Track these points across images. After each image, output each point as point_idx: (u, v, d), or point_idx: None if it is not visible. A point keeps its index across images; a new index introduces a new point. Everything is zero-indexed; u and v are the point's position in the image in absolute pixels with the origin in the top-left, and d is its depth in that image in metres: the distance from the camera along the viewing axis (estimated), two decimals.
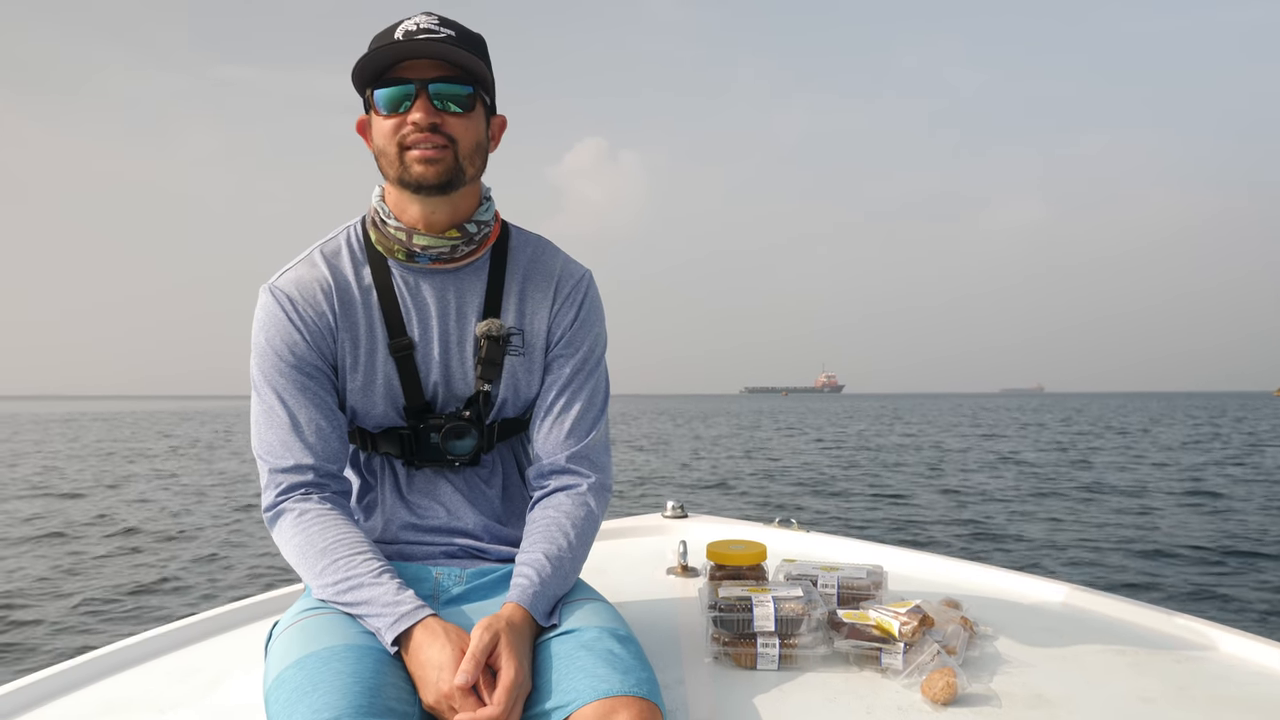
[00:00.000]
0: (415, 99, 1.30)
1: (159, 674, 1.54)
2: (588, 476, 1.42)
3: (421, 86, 1.30)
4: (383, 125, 1.32)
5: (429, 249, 1.37)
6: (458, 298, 1.41)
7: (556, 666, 1.18)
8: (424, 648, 1.15)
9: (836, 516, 9.81)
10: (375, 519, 1.43)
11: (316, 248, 1.42)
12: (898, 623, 1.47)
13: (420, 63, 1.30)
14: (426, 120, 1.30)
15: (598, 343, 1.49)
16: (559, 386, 1.44)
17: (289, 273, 1.39)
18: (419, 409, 1.40)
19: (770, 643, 1.47)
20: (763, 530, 2.60)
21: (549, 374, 1.45)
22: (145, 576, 6.85)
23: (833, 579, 1.72)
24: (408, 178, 1.32)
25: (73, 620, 5.57)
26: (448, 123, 1.31)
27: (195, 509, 10.77)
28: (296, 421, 1.34)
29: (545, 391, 1.45)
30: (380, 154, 1.34)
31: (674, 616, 1.79)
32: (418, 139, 1.30)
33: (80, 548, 8.15)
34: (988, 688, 1.40)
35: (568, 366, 1.45)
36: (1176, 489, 12.32)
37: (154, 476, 15.15)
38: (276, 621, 1.32)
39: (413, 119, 1.30)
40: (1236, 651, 1.59)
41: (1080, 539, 8.34)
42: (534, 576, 1.28)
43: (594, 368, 1.47)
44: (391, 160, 1.32)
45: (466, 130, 1.34)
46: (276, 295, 1.37)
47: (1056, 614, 1.84)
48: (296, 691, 1.07)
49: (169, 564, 7.35)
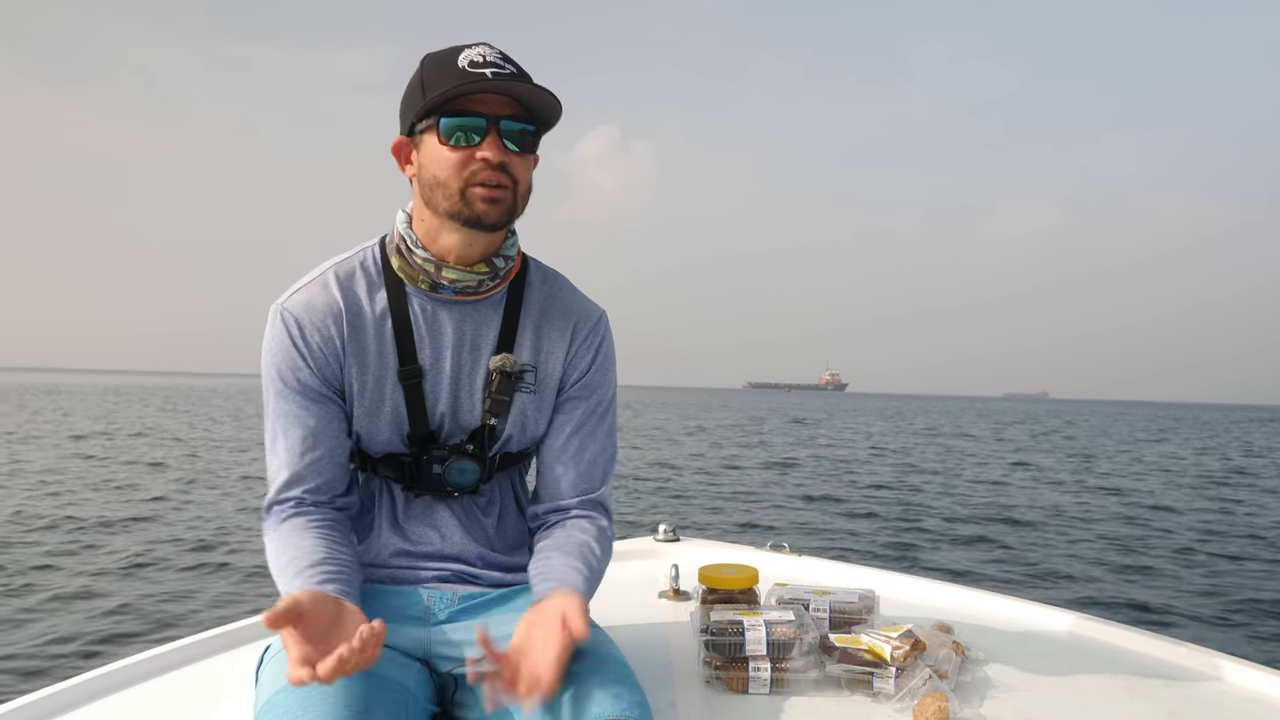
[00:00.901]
0: (485, 135, 1.28)
1: (154, 695, 1.54)
2: (600, 521, 1.43)
3: (493, 122, 1.28)
4: (447, 156, 1.29)
5: (456, 282, 1.35)
6: (474, 330, 1.39)
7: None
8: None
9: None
10: (368, 543, 1.43)
11: (330, 268, 1.39)
12: (890, 647, 1.48)
13: (490, 98, 1.28)
14: (497, 158, 1.28)
15: (611, 387, 1.49)
16: (571, 429, 1.44)
17: (299, 294, 1.37)
18: (423, 437, 1.39)
19: (762, 666, 1.48)
20: (755, 554, 2.60)
21: (560, 414, 1.45)
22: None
23: (825, 603, 1.72)
24: (468, 214, 1.29)
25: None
26: (512, 162, 1.30)
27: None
28: (298, 446, 1.34)
29: (555, 431, 1.45)
30: (437, 185, 1.30)
31: (666, 640, 1.79)
32: (486, 176, 1.28)
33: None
34: (979, 712, 1.40)
35: (580, 408, 1.45)
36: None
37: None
38: (268, 645, 1.33)
39: (483, 155, 1.27)
40: (1231, 678, 1.60)
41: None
42: (580, 568, 1.30)
43: (605, 411, 1.48)
44: (451, 194, 1.29)
45: (524, 170, 1.33)
46: (284, 318, 1.35)
47: (1049, 639, 1.84)
48: (287, 715, 1.08)
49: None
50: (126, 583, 6.36)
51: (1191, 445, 28.65)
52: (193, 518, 9.21)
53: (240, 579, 6.57)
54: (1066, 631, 1.90)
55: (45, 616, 5.44)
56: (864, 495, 12.66)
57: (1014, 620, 1.99)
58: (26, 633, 5.09)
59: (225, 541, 7.92)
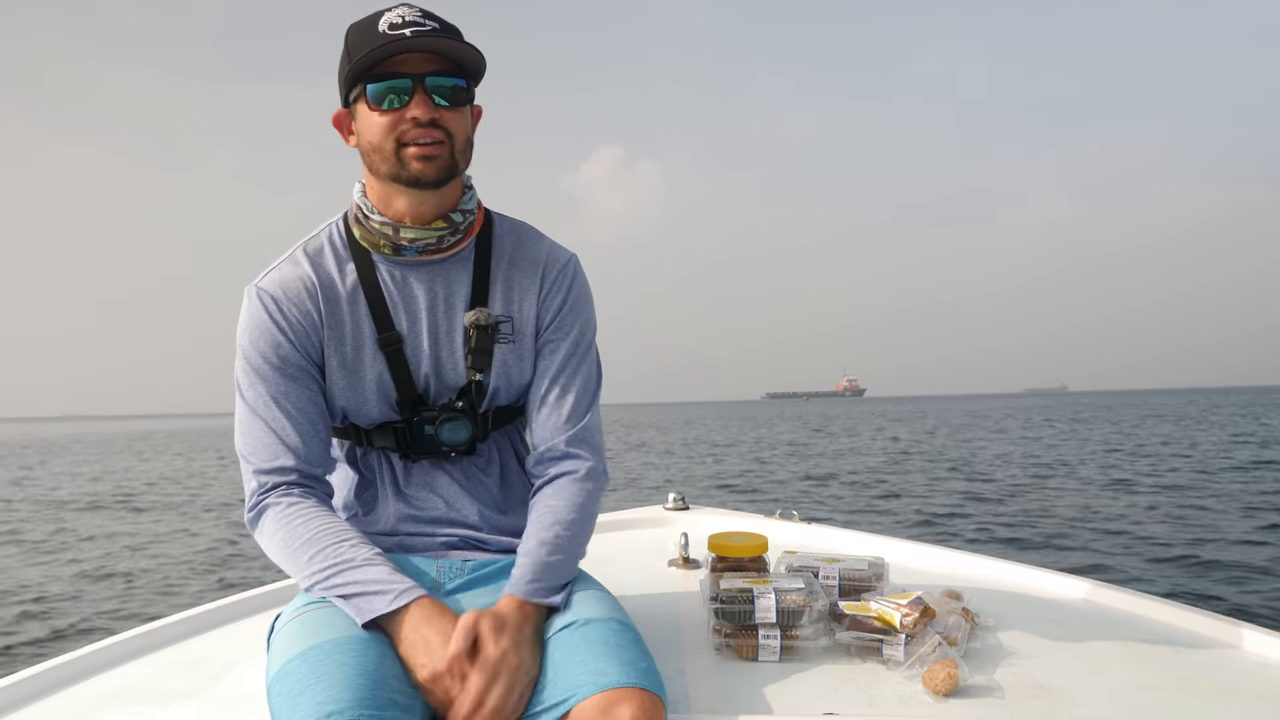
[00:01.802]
0: (412, 94, 1.29)
1: (164, 664, 1.55)
2: (586, 460, 1.42)
3: (418, 81, 1.29)
4: (377, 121, 1.30)
5: (416, 241, 1.36)
6: (445, 288, 1.40)
7: (558, 658, 1.18)
8: (420, 626, 1.16)
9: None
10: (375, 514, 1.43)
11: (299, 246, 1.41)
12: (899, 614, 1.48)
13: (413, 57, 1.29)
14: (426, 115, 1.29)
15: (588, 326, 1.49)
16: (553, 372, 1.44)
17: (273, 273, 1.39)
18: (412, 402, 1.40)
19: (772, 634, 1.48)
20: (764, 522, 2.60)
21: (541, 360, 1.45)
22: None
23: (834, 570, 1.72)
24: (405, 174, 1.31)
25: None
26: (444, 117, 1.31)
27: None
28: (280, 423, 1.33)
29: (539, 378, 1.45)
30: (374, 150, 1.32)
31: (676, 608, 1.80)
32: (417, 134, 1.29)
33: None
34: (989, 678, 1.40)
35: (560, 352, 1.45)
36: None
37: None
38: (279, 614, 1.33)
39: (412, 114, 1.29)
40: (1240, 643, 1.59)
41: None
42: (528, 564, 1.28)
43: (585, 351, 1.47)
44: (387, 156, 1.31)
45: (459, 124, 1.33)
46: (261, 296, 1.36)
47: (1058, 605, 1.84)
48: (300, 684, 1.08)
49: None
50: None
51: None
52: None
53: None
54: (1076, 598, 1.90)
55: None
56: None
57: (1023, 587, 1.98)
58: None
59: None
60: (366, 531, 1.40)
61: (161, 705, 1.37)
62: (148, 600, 6.53)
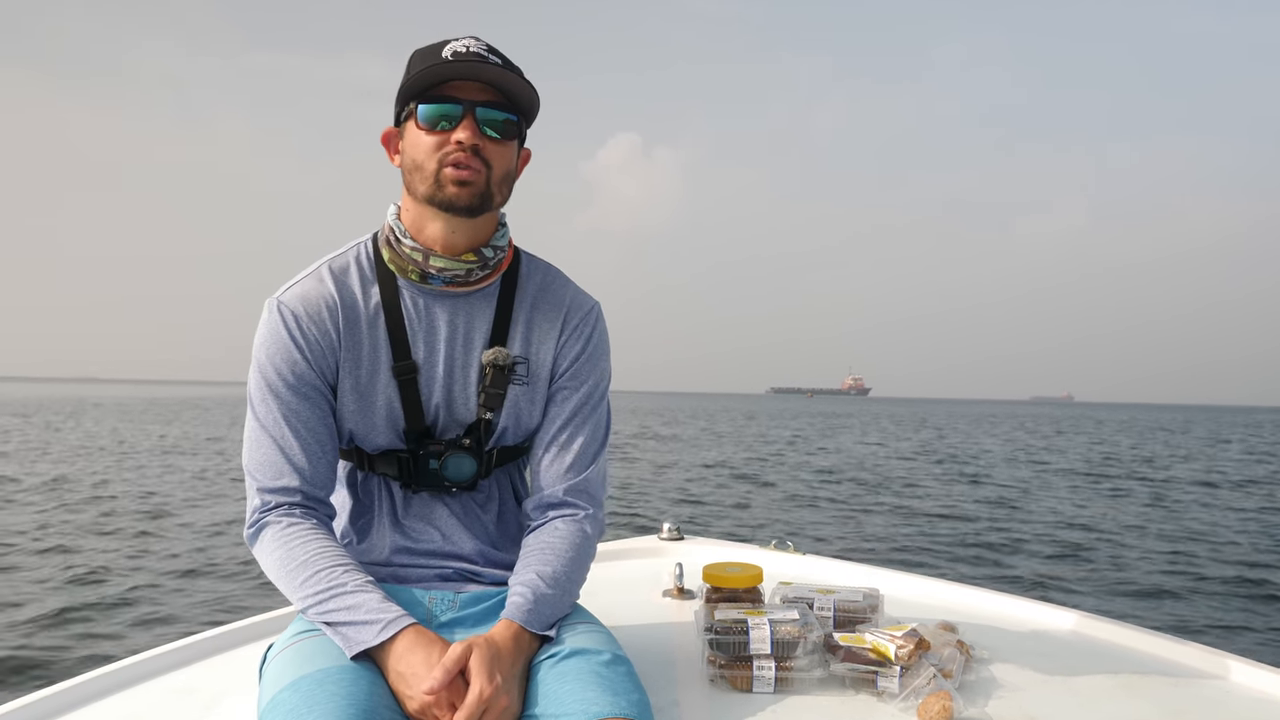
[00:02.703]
0: (461, 119, 1.31)
1: (156, 694, 1.54)
2: (584, 509, 1.42)
3: (469, 108, 1.31)
4: (424, 140, 1.32)
5: (444, 271, 1.37)
6: (466, 322, 1.40)
7: (547, 688, 1.18)
8: (406, 655, 1.15)
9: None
10: (369, 541, 1.43)
11: (325, 263, 1.41)
12: (894, 646, 1.47)
13: (468, 85, 1.32)
14: (471, 140, 1.30)
15: (603, 378, 1.49)
16: (562, 420, 1.44)
17: (295, 288, 1.39)
18: (419, 433, 1.39)
19: (766, 665, 1.47)
20: (759, 552, 2.59)
21: (552, 406, 1.45)
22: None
23: (829, 602, 1.72)
24: (440, 196, 1.32)
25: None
26: (487, 147, 1.33)
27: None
28: (289, 443, 1.33)
29: (548, 424, 1.45)
30: (416, 169, 1.34)
31: (670, 639, 1.79)
32: (458, 158, 1.31)
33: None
34: (983, 711, 1.40)
35: (572, 400, 1.45)
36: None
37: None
38: (272, 643, 1.32)
39: (457, 138, 1.30)
40: (1236, 677, 1.59)
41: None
42: (527, 594, 1.28)
43: (598, 403, 1.47)
44: (427, 176, 1.32)
45: (502, 157, 1.35)
46: (281, 311, 1.36)
47: (1053, 638, 1.84)
48: (291, 714, 1.07)
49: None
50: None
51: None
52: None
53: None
54: (1070, 631, 1.90)
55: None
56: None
57: (1018, 619, 1.98)
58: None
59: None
60: (360, 560, 1.39)
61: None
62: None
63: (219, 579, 6.43)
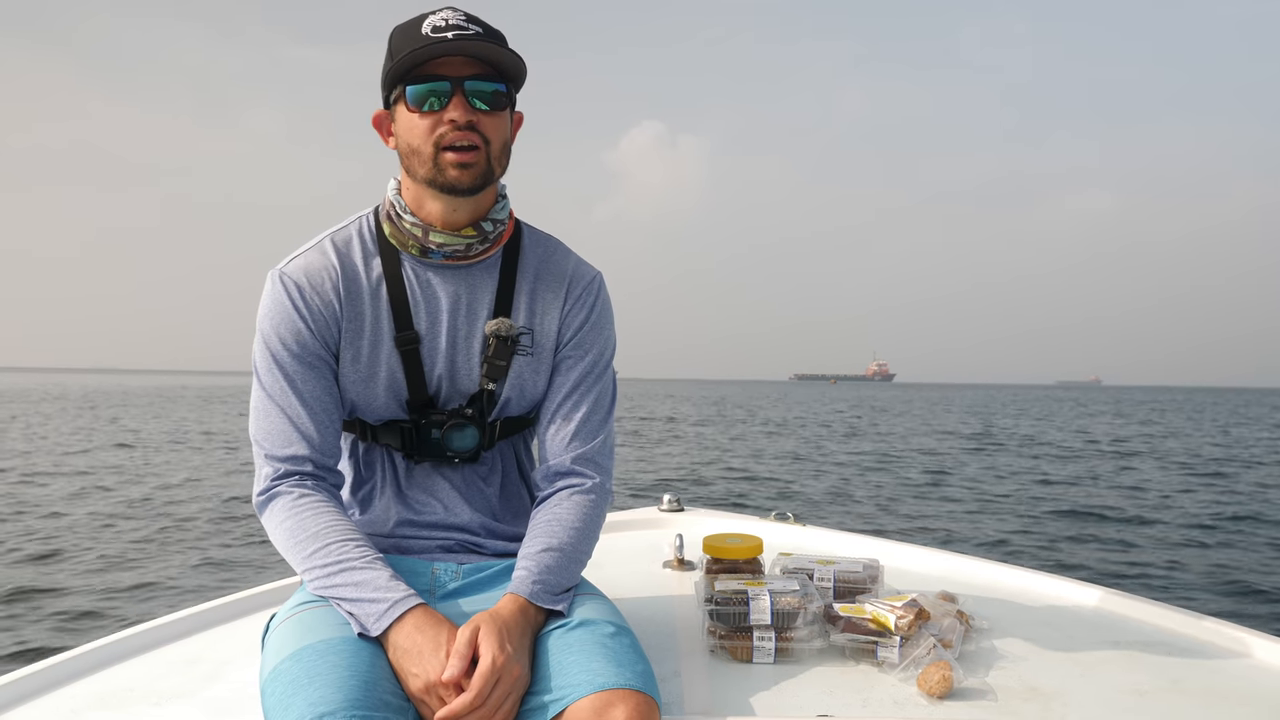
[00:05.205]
0: (450, 97, 1.29)
1: (159, 664, 1.55)
2: (591, 478, 1.42)
3: (458, 84, 1.29)
4: (416, 123, 1.31)
5: (444, 246, 1.37)
6: (469, 294, 1.40)
7: (552, 659, 1.18)
8: (414, 634, 1.16)
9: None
10: (372, 512, 1.43)
11: (327, 236, 1.41)
12: (894, 616, 1.48)
13: (453, 60, 1.29)
14: (464, 118, 1.29)
15: (607, 346, 1.48)
16: (567, 389, 1.44)
17: (298, 259, 1.39)
18: (422, 403, 1.39)
19: (766, 636, 1.48)
20: (759, 524, 2.60)
21: (557, 376, 1.45)
22: None
23: (829, 572, 1.72)
24: (441, 180, 1.31)
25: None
26: (482, 122, 1.31)
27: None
28: (296, 411, 1.33)
29: (553, 394, 1.44)
30: (412, 153, 1.32)
31: (670, 610, 1.80)
32: (454, 137, 1.29)
33: None
34: (983, 681, 1.40)
35: (576, 369, 1.44)
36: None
37: None
38: (274, 614, 1.33)
39: (450, 117, 1.29)
40: (1232, 646, 1.60)
41: None
42: (532, 567, 1.28)
43: (602, 371, 1.47)
44: (425, 160, 1.31)
45: (497, 129, 1.33)
46: (285, 282, 1.36)
47: (1052, 608, 1.84)
48: (293, 684, 1.08)
49: None
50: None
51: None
52: None
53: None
54: (1071, 601, 1.90)
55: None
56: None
57: (1018, 590, 1.99)
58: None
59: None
60: (364, 531, 1.40)
61: (155, 705, 1.37)
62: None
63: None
